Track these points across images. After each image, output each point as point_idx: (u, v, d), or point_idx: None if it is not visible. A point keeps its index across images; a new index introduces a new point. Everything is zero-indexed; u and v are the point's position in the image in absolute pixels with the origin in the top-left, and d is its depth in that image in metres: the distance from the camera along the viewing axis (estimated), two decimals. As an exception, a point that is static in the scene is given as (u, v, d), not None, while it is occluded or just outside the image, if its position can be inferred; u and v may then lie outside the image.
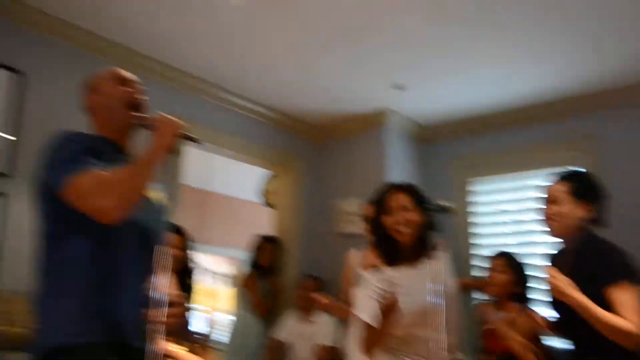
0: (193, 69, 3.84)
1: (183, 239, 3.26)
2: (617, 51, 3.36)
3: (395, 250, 2.32)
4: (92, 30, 3.36)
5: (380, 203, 2.40)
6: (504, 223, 4.24)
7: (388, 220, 2.31)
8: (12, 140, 2.97)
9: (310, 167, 4.83)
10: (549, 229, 2.28)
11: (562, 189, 2.24)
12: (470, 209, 4.42)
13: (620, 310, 1.95)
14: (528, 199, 4.00)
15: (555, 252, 2.38)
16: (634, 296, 1.98)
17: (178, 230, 3.27)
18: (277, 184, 4.98)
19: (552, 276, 2.07)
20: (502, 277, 3.11)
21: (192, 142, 1.74)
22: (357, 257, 3.09)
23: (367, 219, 2.85)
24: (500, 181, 4.38)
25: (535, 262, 3.22)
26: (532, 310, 2.92)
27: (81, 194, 1.55)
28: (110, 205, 1.54)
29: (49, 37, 3.25)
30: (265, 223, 5.09)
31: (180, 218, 3.60)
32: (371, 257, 2.98)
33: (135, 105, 1.80)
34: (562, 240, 2.30)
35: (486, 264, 3.32)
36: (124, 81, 1.83)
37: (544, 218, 2.29)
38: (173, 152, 1.68)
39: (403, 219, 2.27)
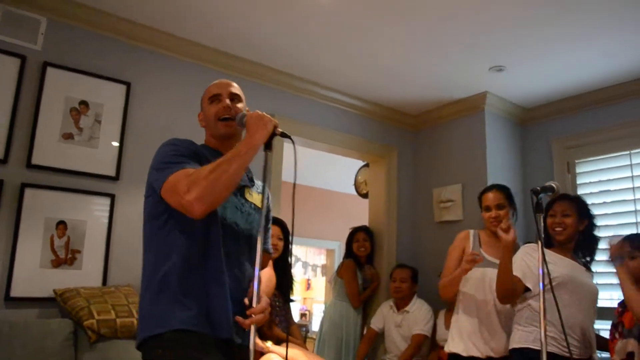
0: (289, 68, 3.93)
1: (282, 232, 3.34)
2: None
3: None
4: (188, 38, 3.53)
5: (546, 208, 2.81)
6: (612, 203, 4.00)
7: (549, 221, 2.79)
8: (118, 146, 3.25)
9: (406, 156, 4.80)
10: None
11: None
12: (575, 190, 4.21)
13: None
14: (636, 177, 3.82)
15: None
16: None
17: (279, 223, 3.36)
18: (369, 174, 4.99)
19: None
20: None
21: (283, 138, 1.78)
22: (471, 238, 3.13)
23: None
24: (606, 161, 4.13)
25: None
26: None
27: (171, 189, 1.66)
28: (195, 198, 1.60)
29: (150, 48, 3.45)
30: (361, 214, 5.11)
31: (279, 213, 3.71)
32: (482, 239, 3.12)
33: (224, 117, 1.89)
34: None
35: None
36: (213, 98, 1.94)
37: None
38: (266, 147, 1.73)
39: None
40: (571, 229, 2.75)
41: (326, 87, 4.23)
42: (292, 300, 3.42)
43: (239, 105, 1.93)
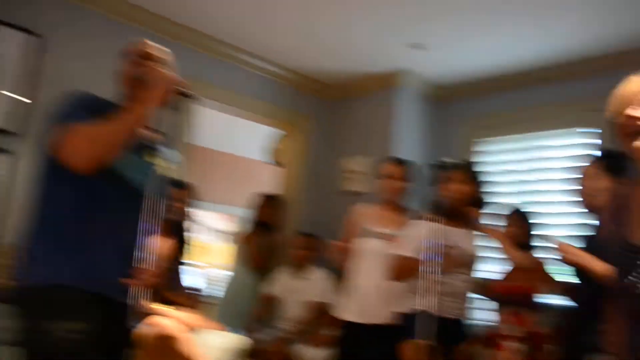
0: (203, 26, 3.83)
1: (187, 195, 3.29)
2: (632, 14, 3.27)
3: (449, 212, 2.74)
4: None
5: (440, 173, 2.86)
6: (512, 183, 4.20)
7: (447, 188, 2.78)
8: (28, 102, 3.05)
9: (321, 126, 4.78)
10: (582, 205, 2.36)
11: (598, 166, 2.32)
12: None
13: None
14: (538, 159, 4.04)
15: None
16: None
17: (184, 186, 3.30)
18: (287, 142, 4.99)
19: (564, 250, 2.15)
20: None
21: (188, 99, 1.74)
22: (364, 212, 3.22)
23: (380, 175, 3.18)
24: (511, 141, 4.32)
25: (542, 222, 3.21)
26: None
27: (59, 145, 1.62)
28: (81, 154, 1.59)
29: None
30: (270, 181, 5.09)
31: (186, 176, 3.64)
32: (376, 212, 3.17)
33: (135, 78, 1.82)
34: (593, 214, 2.35)
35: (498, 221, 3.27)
36: (125, 55, 1.89)
37: (579, 194, 2.38)
38: (172, 107, 1.70)
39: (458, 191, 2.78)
40: (463, 195, 2.82)
41: (245, 52, 4.15)
42: (189, 264, 3.39)
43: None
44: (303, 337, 3.88)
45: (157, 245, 1.81)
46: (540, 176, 4.02)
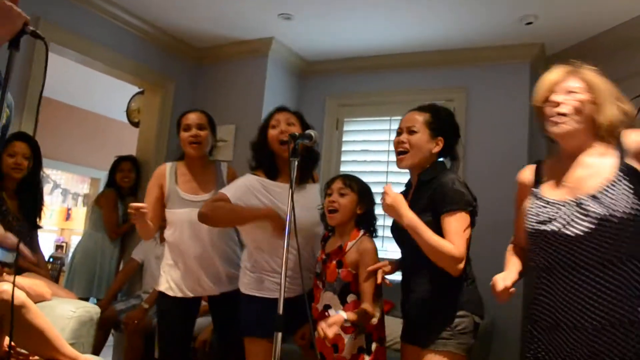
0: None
1: (31, 150, 3.00)
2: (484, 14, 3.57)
3: (276, 166, 2.55)
4: None
5: (267, 120, 2.63)
6: (370, 162, 4.39)
7: (272, 133, 2.53)
8: None
9: (184, 89, 4.62)
10: (400, 159, 2.22)
11: (419, 119, 2.20)
12: (341, 146, 4.55)
13: (448, 235, 1.97)
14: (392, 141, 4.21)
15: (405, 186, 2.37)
16: (464, 224, 2.00)
17: (26, 139, 3.01)
18: (143, 102, 4.74)
19: (386, 192, 2.07)
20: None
21: (36, 38, 1.56)
22: (168, 174, 2.88)
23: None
24: (370, 123, 4.51)
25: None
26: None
27: None
28: None
29: None
30: (132, 144, 4.84)
31: (31, 130, 3.32)
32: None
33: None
34: (411, 171, 2.27)
35: None
36: None
37: (397, 147, 2.24)
38: (11, 45, 1.50)
39: (287, 131, 2.47)
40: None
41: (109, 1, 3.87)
42: (39, 227, 3.12)
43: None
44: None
45: None
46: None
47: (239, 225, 2.60)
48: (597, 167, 1.70)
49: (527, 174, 1.94)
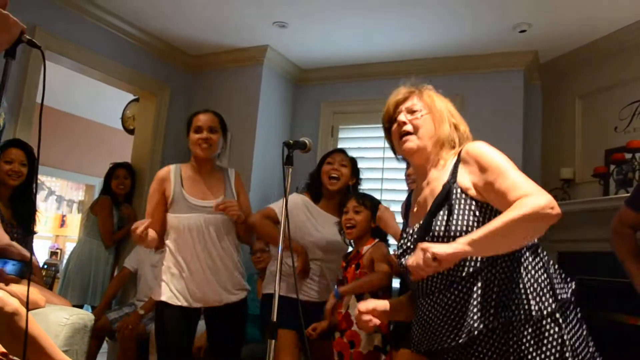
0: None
1: (26, 157, 3.00)
2: (478, 22, 3.60)
3: (321, 193, 2.97)
4: None
5: (325, 156, 3.03)
6: (365, 170, 4.34)
7: (326, 168, 2.92)
8: None
9: (179, 96, 4.63)
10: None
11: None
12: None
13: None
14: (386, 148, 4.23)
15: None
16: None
17: (23, 147, 3.02)
18: (139, 109, 4.74)
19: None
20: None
21: (32, 47, 1.55)
22: (172, 177, 2.72)
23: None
24: (365, 130, 4.53)
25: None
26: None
27: None
28: None
29: None
30: (126, 151, 4.84)
31: (28, 138, 3.32)
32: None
33: None
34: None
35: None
36: None
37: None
38: (7, 54, 1.50)
39: (339, 170, 2.90)
40: (345, 179, 2.90)
41: (102, 8, 3.86)
42: (34, 233, 3.12)
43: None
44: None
45: None
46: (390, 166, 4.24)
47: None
48: (438, 182, 1.68)
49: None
